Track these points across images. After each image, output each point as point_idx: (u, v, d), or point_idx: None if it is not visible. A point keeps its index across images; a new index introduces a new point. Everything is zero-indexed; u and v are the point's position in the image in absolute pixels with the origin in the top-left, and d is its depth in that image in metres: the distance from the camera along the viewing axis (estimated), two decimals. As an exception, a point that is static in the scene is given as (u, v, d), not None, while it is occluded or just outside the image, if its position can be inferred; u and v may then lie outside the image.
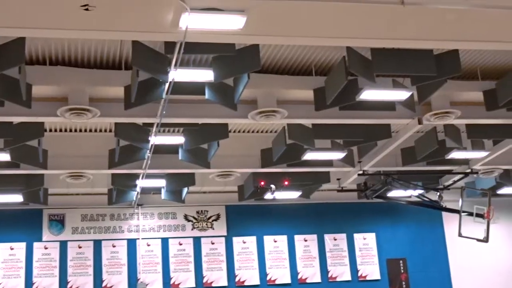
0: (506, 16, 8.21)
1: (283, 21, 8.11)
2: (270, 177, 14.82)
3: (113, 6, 7.41)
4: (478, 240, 15.61)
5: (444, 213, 17.90)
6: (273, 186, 14.38)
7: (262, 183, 14.44)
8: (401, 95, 10.97)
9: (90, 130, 13.69)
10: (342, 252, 18.32)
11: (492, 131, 13.30)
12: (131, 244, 17.27)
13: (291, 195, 16.58)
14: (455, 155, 14.27)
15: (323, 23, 8.20)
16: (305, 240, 18.19)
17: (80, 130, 13.65)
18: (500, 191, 17.73)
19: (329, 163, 14.60)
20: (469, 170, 15.33)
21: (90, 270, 16.81)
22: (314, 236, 18.27)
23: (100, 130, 13.66)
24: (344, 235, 18.46)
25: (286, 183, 14.43)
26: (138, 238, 17.31)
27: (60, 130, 13.57)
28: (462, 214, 15.72)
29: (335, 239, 18.35)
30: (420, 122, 12.15)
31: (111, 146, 13.08)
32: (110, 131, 13.10)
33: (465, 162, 15.35)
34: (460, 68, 10.35)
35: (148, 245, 17.34)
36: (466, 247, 17.89)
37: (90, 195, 16.76)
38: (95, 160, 13.59)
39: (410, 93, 10.89)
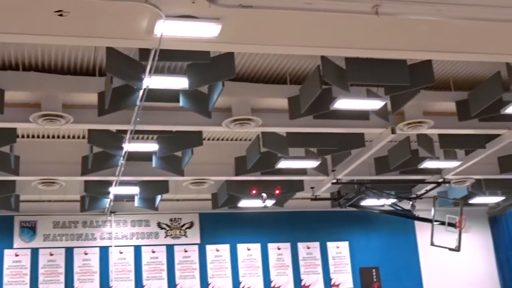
0: (478, 28, 8.32)
1: (258, 30, 8.13)
2: (243, 185, 14.84)
3: (87, 12, 7.38)
4: (450, 249, 15.73)
5: (416, 222, 18.02)
6: (264, 195, 14.37)
7: (254, 191, 14.44)
8: (374, 104, 11.04)
9: (63, 137, 13.57)
10: (315, 261, 18.34)
11: (464, 141, 13.43)
12: (104, 252, 17.14)
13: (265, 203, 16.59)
14: (428, 164, 14.37)
15: (298, 32, 8.24)
16: (279, 249, 18.19)
17: (53, 137, 13.53)
18: (472, 201, 17.90)
19: (303, 171, 14.63)
20: (441, 180, 15.44)
21: (62, 278, 16.65)
22: (288, 245, 18.28)
23: (73, 137, 13.56)
24: (317, 244, 18.49)
25: (277, 191, 14.45)
26: (111, 246, 17.19)
27: (33, 136, 13.44)
28: (435, 223, 15.83)
29: (308, 248, 18.38)
30: (393, 132, 12.24)
31: (84, 152, 12.99)
32: (84, 137, 13.01)
33: (438, 171, 15.47)
34: (433, 79, 10.45)
35: (121, 252, 17.23)
36: (438, 256, 18.00)
37: (62, 202, 16.62)
38: (67, 167, 13.48)
39: (384, 102, 10.96)
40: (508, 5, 7.86)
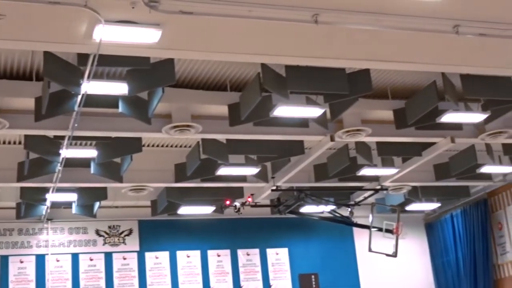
0: (414, 38, 8.50)
1: (199, 36, 8.14)
2: (182, 192, 14.79)
3: (24, 15, 7.26)
4: (387, 255, 15.95)
5: (355, 229, 18.21)
6: (237, 204, 14.32)
7: (228, 202, 14.36)
8: (314, 112, 11.13)
9: (-1, 142, 13.31)
10: (255, 267, 18.37)
11: (401, 149, 13.68)
12: (40, 260, 16.80)
13: (204, 210, 16.56)
14: (366, 172, 14.58)
15: (238, 39, 8.28)
16: (218, 255, 18.15)
17: (-12, 142, 13.25)
18: (408, 207, 18.22)
19: (243, 178, 14.66)
20: (379, 187, 15.66)
21: (-4, 287, 16.29)
22: (227, 251, 18.27)
23: (9, 142, 13.25)
24: (257, 250, 18.52)
25: (249, 199, 14.41)
26: (47, 254, 16.87)
27: (-33, 142, 13.15)
28: (372, 229, 16.03)
29: (248, 254, 18.40)
30: (332, 139, 12.37)
31: (20, 158, 12.74)
32: (20, 143, 12.75)
33: (376, 179, 15.70)
34: (371, 87, 10.64)
35: (58, 260, 16.92)
36: (376, 261, 18.21)
37: (-3, 209, 16.26)
38: (3, 173, 13.17)
39: (323, 110, 11.06)
40: (443, 16, 8.07)
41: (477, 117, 12.01)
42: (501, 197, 17.82)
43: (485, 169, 15.13)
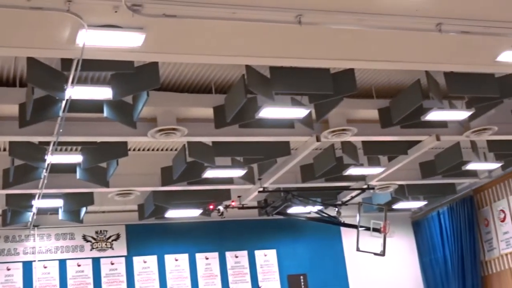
0: (398, 37, 8.53)
1: (182, 39, 8.13)
2: (169, 195, 14.76)
3: (6, 21, 7.21)
4: (375, 254, 16.00)
5: (342, 228, 18.25)
6: (221, 208, 14.28)
7: (211, 206, 14.33)
8: (299, 113, 11.15)
9: (-17, 149, 13.22)
10: (244, 269, 18.36)
11: (387, 148, 13.72)
12: (27, 267, 16.71)
13: (192, 213, 16.53)
14: (352, 171, 14.61)
15: (222, 41, 8.27)
16: (207, 258, 18.13)
17: (-28, 149, 13.17)
18: (395, 206, 18.29)
19: (229, 180, 14.65)
20: (365, 186, 15.69)
21: (-17, 295, 16.19)
22: (216, 254, 18.24)
23: (-6, 149, 13.21)
24: (245, 252, 18.51)
25: (233, 203, 14.38)
26: (34, 260, 16.79)
27: (-50, 149, 13.05)
28: (360, 229, 16.07)
29: (236, 257, 18.39)
30: (318, 139, 12.39)
31: (5, 165, 12.65)
32: (4, 150, 12.68)
33: (362, 178, 15.74)
34: (356, 87, 10.65)
35: (45, 267, 16.83)
36: (364, 261, 18.28)
37: (-17, 217, 16.15)
38: (-12, 180, 13.12)
39: (308, 111, 11.07)
40: (425, 15, 8.10)
41: (462, 114, 12.07)
42: (487, 193, 17.92)
43: (471, 166, 15.22)
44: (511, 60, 9.54)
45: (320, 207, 16.33)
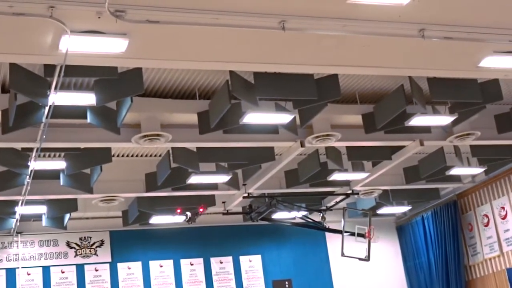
0: (381, 42, 8.56)
1: (166, 45, 8.12)
2: (154, 201, 14.71)
3: (-12, 27, 7.18)
4: (360, 259, 16.00)
5: (327, 234, 18.29)
6: (188, 213, 14.24)
7: (179, 210, 14.28)
8: (283, 118, 11.15)
9: (-35, 156, 13.10)
10: (229, 275, 18.34)
11: (371, 153, 13.75)
12: (10, 274, 16.60)
13: (176, 219, 16.47)
14: (337, 176, 14.64)
15: (205, 47, 8.27)
16: (191, 264, 18.09)
17: (-46, 156, 13.04)
18: (379, 211, 18.35)
19: (214, 186, 14.63)
20: (350, 191, 15.73)
21: (-34, 302, 16.05)
22: (200, 260, 18.21)
23: (-24, 156, 13.11)
24: (230, 258, 18.50)
25: (201, 209, 14.35)
26: (18, 267, 16.68)
27: None
28: (344, 234, 16.07)
29: (221, 262, 18.36)
30: (302, 145, 12.41)
31: (-13, 172, 12.59)
32: (-13, 156, 12.60)
33: (346, 183, 15.77)
34: (340, 92, 10.67)
35: (29, 274, 16.73)
36: (349, 266, 18.31)
37: (-35, 224, 16.02)
38: (-30, 187, 13.02)
39: (292, 116, 11.08)
40: (408, 20, 8.14)
41: (445, 119, 12.13)
42: (470, 198, 18.01)
43: (454, 171, 15.29)
44: (493, 65, 9.61)
45: (304, 213, 16.36)
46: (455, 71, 10.13)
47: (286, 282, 18.68)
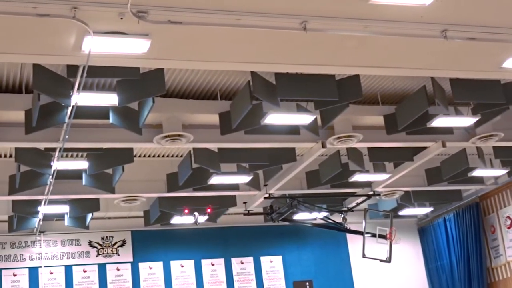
0: (403, 43, 8.53)
1: (188, 46, 8.14)
2: (175, 202, 14.76)
3: (13, 28, 7.24)
4: (381, 260, 15.95)
5: (348, 235, 18.24)
6: (196, 214, 14.28)
7: (186, 211, 14.34)
8: (304, 119, 11.15)
9: (-11, 155, 13.26)
10: (249, 276, 18.34)
11: (392, 154, 13.68)
12: (33, 273, 16.73)
13: (198, 219, 16.51)
14: (358, 177, 14.58)
15: (227, 48, 8.29)
16: (212, 264, 18.12)
17: (-21, 155, 13.21)
18: (401, 212, 18.25)
19: (235, 186, 14.64)
20: (371, 192, 15.68)
21: (-11, 301, 16.20)
22: (221, 260, 18.23)
23: (0, 155, 13.23)
24: (251, 259, 18.50)
25: (209, 210, 14.38)
26: (41, 266, 16.81)
27: (-43, 155, 13.09)
28: (366, 235, 16.02)
29: (242, 263, 18.37)
30: (323, 146, 12.39)
31: (11, 171, 12.68)
32: (11, 156, 12.72)
33: (368, 184, 15.72)
34: (361, 93, 10.64)
35: (51, 273, 16.85)
36: (370, 267, 18.24)
37: (-11, 223, 16.19)
38: (-6, 186, 13.16)
39: (314, 117, 11.07)
40: (431, 21, 8.10)
41: (467, 121, 12.04)
42: (493, 200, 17.87)
43: (477, 173, 15.18)
44: (516, 66, 9.54)
45: (325, 214, 16.31)
46: (478, 72, 10.06)
47: (307, 283, 18.65)
